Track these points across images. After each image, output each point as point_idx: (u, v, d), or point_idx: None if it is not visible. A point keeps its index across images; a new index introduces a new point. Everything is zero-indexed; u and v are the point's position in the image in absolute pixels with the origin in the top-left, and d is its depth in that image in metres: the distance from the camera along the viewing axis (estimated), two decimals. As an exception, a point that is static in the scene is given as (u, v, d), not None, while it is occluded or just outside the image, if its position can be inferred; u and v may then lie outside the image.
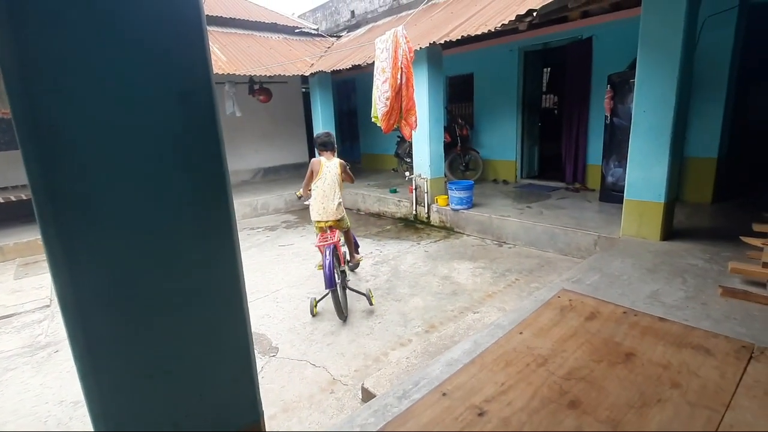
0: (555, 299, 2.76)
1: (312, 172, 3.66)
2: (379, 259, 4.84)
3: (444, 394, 1.85)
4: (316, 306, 3.48)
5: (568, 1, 4.08)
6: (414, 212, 6.44)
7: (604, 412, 1.70)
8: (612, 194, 5.48)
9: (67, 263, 0.75)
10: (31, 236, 5.54)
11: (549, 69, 9.50)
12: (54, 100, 0.71)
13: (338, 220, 3.66)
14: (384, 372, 2.48)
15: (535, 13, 4.38)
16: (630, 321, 2.43)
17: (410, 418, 1.73)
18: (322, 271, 3.40)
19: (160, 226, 0.85)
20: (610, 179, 5.58)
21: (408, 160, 8.62)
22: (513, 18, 4.44)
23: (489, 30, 4.69)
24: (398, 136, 8.94)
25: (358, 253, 4.42)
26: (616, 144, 5.41)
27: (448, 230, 5.90)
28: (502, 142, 7.76)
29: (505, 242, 5.19)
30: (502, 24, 4.55)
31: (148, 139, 0.81)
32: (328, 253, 3.35)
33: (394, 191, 7.36)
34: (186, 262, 0.90)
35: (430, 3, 8.26)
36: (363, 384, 2.38)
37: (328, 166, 3.63)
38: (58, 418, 2.40)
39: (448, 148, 7.20)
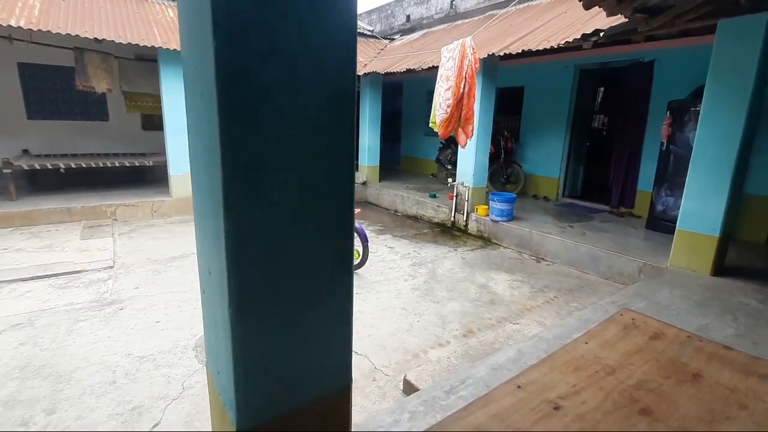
0: (617, 317, 2.85)
1: None
2: (416, 260, 4.94)
3: (519, 387, 2.02)
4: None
5: (638, 25, 4.05)
6: (452, 219, 6.50)
7: (675, 422, 1.80)
8: (660, 223, 5.36)
9: (237, 233, 0.90)
10: (95, 202, 5.98)
11: (603, 89, 9.31)
12: (248, 93, 0.85)
13: None
14: (425, 368, 2.58)
15: (601, 34, 4.37)
16: (695, 345, 2.49)
17: (490, 402, 1.90)
18: None
19: (307, 209, 0.99)
20: (659, 207, 5.45)
21: (449, 166, 8.67)
22: (578, 36, 4.44)
23: (552, 46, 4.70)
24: (441, 142, 9.01)
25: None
26: (671, 172, 5.29)
27: (485, 240, 5.92)
28: (547, 158, 7.69)
29: (543, 258, 5.17)
30: (567, 41, 4.55)
31: (309, 130, 0.95)
32: None
33: (434, 196, 7.44)
34: (319, 240, 1.03)
35: (487, 14, 8.30)
36: (405, 376, 2.49)
37: None
38: (126, 369, 2.64)
39: (491, 159, 7.21)
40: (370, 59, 8.78)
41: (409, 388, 2.41)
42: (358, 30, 10.40)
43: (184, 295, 3.73)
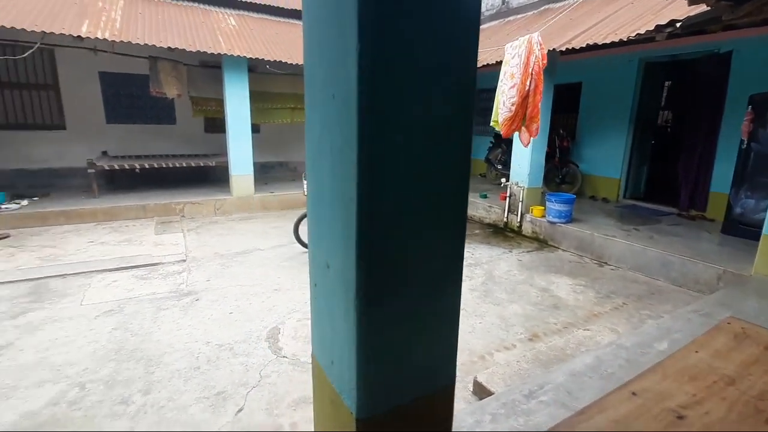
0: (724, 325, 2.72)
1: None
2: (471, 261, 4.88)
3: (634, 394, 1.98)
4: None
5: (721, 13, 3.76)
6: (505, 219, 6.36)
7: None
8: (739, 227, 4.95)
9: (368, 230, 0.94)
10: (166, 199, 6.43)
11: (669, 83, 8.72)
12: (385, 93, 0.89)
13: None
14: (495, 370, 2.55)
15: (678, 24, 4.10)
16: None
17: (606, 408, 1.87)
18: None
19: (428, 206, 1.02)
20: (738, 210, 5.03)
21: (499, 166, 8.49)
22: (651, 28, 4.19)
23: (621, 39, 4.47)
24: (491, 141, 8.84)
25: None
26: (751, 172, 4.87)
27: (541, 242, 5.74)
28: (606, 157, 7.32)
29: (606, 263, 4.94)
30: (638, 34, 4.31)
31: (434, 128, 0.98)
32: None
33: (484, 196, 7.31)
34: (437, 237, 1.06)
35: (542, 9, 8.03)
36: (476, 377, 2.47)
37: None
38: (207, 356, 2.82)
39: (546, 159, 6.97)
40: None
41: (480, 390, 2.40)
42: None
43: (251, 289, 3.93)
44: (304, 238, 4.87)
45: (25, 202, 5.83)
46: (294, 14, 8.73)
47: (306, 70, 1.11)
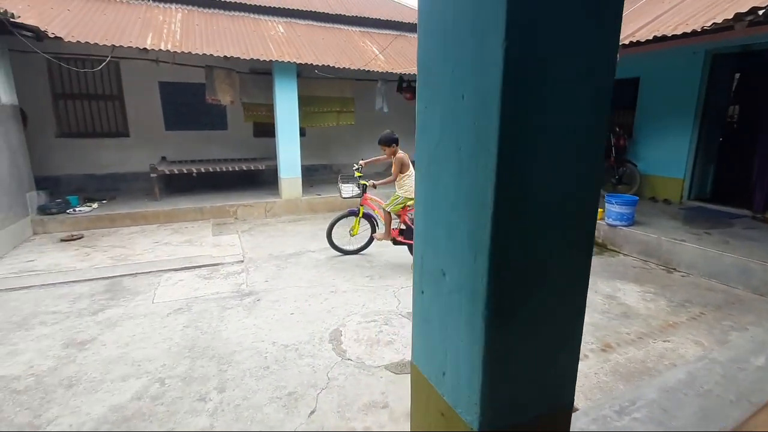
0: None
1: (406, 164, 4.44)
2: (527, 265, 4.72)
3: None
4: None
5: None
6: (558, 222, 6.10)
7: None
8: (831, 231, 4.48)
9: (501, 237, 0.89)
10: (221, 202, 6.70)
11: (739, 75, 8.08)
12: (528, 95, 0.84)
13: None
14: (571, 381, 2.43)
15: (761, 12, 3.77)
16: None
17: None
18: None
19: (559, 216, 0.96)
20: (829, 213, 4.56)
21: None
22: (730, 17, 3.88)
23: (694, 30, 4.18)
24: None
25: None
26: None
27: (599, 246, 5.46)
28: (668, 156, 6.87)
29: (675, 269, 4.62)
30: (714, 23, 4.01)
31: (572, 132, 0.92)
32: None
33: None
34: (565, 248, 1.00)
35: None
36: (552, 389, 2.36)
37: None
38: (275, 356, 2.88)
39: (602, 158, 6.65)
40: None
41: (557, 402, 2.29)
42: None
43: (308, 290, 3.99)
44: (338, 243, 4.90)
45: (95, 205, 6.25)
46: (338, 19, 8.85)
47: (422, 67, 1.08)
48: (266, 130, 8.12)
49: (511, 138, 0.84)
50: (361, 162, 4.84)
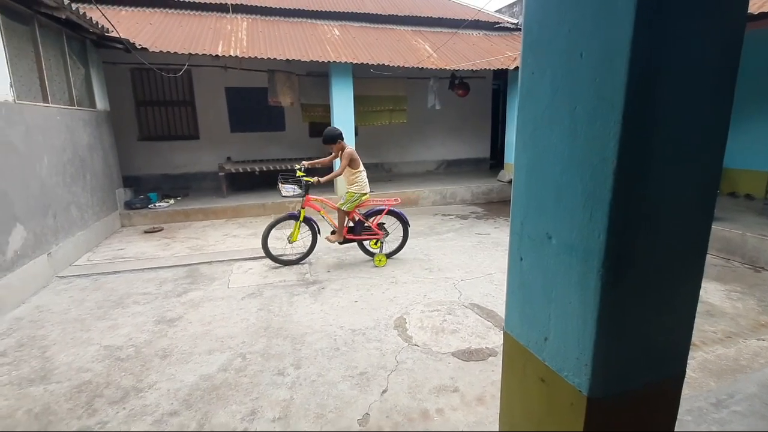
0: None
1: (356, 160, 4.43)
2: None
3: None
4: None
5: None
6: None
7: None
8: None
9: (624, 200, 0.90)
10: (280, 198, 7.01)
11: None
12: (653, 94, 0.85)
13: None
14: (655, 375, 2.31)
15: None
16: None
17: None
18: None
19: (677, 204, 0.96)
20: None
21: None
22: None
23: (789, 6, 3.81)
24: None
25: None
26: None
27: (673, 244, 5.11)
28: (748, 146, 6.28)
29: (764, 268, 4.22)
30: (813, -3, 3.63)
31: (692, 128, 0.92)
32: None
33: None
34: (683, 227, 0.99)
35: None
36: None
37: None
38: (344, 339, 3.00)
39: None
40: (517, 53, 8.43)
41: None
42: (502, 24, 10.08)
43: (369, 280, 4.09)
44: (275, 252, 4.53)
45: (172, 201, 6.82)
46: (391, 20, 8.99)
47: (528, 33, 1.09)
48: (320, 130, 8.38)
49: (640, 92, 0.85)
50: (304, 163, 4.51)
